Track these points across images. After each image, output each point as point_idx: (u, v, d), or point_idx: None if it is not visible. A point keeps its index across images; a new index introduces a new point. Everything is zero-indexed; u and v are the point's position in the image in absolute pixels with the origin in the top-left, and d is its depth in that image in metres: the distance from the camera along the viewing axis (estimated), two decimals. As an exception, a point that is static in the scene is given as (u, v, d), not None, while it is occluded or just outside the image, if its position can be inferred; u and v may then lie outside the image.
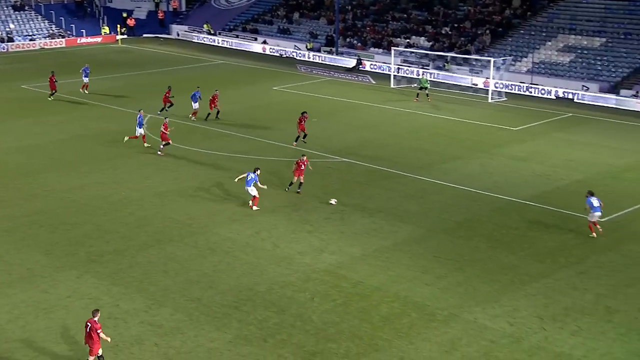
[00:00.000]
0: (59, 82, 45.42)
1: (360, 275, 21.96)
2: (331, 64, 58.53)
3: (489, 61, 47.94)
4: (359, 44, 60.37)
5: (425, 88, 44.85)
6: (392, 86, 49.90)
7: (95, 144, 35.16)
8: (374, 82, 51.29)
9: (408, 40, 57.90)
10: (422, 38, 57.73)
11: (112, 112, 42.39)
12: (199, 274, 21.88)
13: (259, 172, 27.06)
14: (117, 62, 59.48)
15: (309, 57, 60.82)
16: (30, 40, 67.48)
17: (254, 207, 26.84)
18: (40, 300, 20.20)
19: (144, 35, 73.07)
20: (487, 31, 55.03)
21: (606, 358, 17.81)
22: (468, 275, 22.06)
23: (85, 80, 46.78)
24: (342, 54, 59.92)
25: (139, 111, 34.79)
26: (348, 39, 61.41)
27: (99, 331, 16.67)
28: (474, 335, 18.81)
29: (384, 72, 53.54)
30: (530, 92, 47.46)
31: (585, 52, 50.21)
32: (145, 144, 34.35)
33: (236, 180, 27.63)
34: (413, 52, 54.66)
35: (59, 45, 67.71)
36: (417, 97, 44.85)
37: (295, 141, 35.01)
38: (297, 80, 51.56)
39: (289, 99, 45.77)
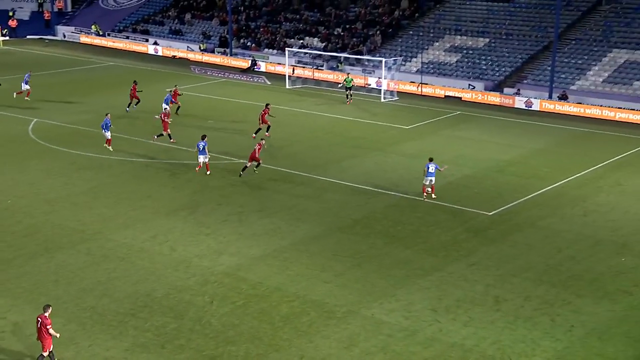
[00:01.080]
0: None
1: (260, 276, 21.91)
2: (225, 64, 58.09)
3: (380, 61, 48.96)
4: (253, 45, 60.23)
5: (350, 88, 44.97)
6: (287, 87, 50.07)
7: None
8: (269, 83, 51.29)
9: (302, 41, 58.30)
10: (315, 39, 58.27)
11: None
12: (93, 282, 21.18)
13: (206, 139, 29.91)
14: (-1, 65, 56.59)
15: (202, 58, 60.10)
16: None
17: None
18: None
19: (28, 36, 69.96)
20: (378, 32, 56.18)
21: (495, 346, 18.58)
22: (365, 271, 22.44)
23: (26, 87, 44.27)
24: (236, 54, 59.59)
25: (106, 115, 33.78)
26: (242, 40, 61.14)
27: (48, 327, 16.67)
28: (372, 330, 19.16)
29: (279, 72, 53.64)
30: (421, 92, 48.81)
31: (471, 52, 52.16)
32: (110, 148, 33.51)
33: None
34: (307, 53, 55.07)
35: None
36: (348, 98, 44.84)
37: (255, 133, 36.02)
38: (191, 81, 50.84)
39: (182, 100, 44.97)
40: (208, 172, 30.80)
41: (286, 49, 53.38)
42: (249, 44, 60.62)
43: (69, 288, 20.82)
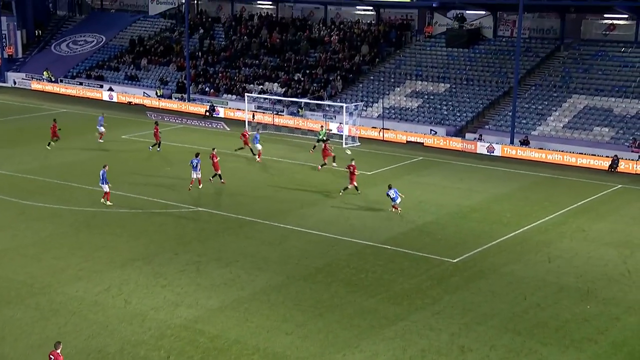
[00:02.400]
0: None
1: (218, 328, 21.68)
2: (183, 110, 58.21)
3: (341, 107, 49.63)
4: (212, 91, 60.59)
5: (324, 140, 44.62)
6: (246, 133, 50.24)
7: None
8: (228, 129, 51.47)
9: (261, 86, 58.88)
10: (275, 84, 58.93)
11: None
12: (42, 338, 20.69)
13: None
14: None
15: (159, 104, 60.16)
16: None
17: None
18: None
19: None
20: (338, 77, 57.10)
21: (463, 395, 18.55)
22: (328, 321, 22.37)
23: (101, 129, 45.70)
24: (194, 100, 59.84)
25: (104, 166, 33.16)
26: (200, 86, 61.49)
27: None
28: (336, 382, 18.99)
29: (239, 118, 53.93)
30: (383, 137, 49.49)
31: (432, 97, 53.28)
32: (108, 202, 32.77)
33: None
34: (266, 98, 55.57)
35: None
36: (314, 148, 44.63)
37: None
38: (147, 128, 50.67)
39: (139, 147, 44.87)
40: (200, 186, 35.58)
41: (245, 94, 53.85)
42: (207, 89, 60.97)
43: (16, 345, 20.30)
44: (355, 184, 35.45)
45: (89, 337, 20.86)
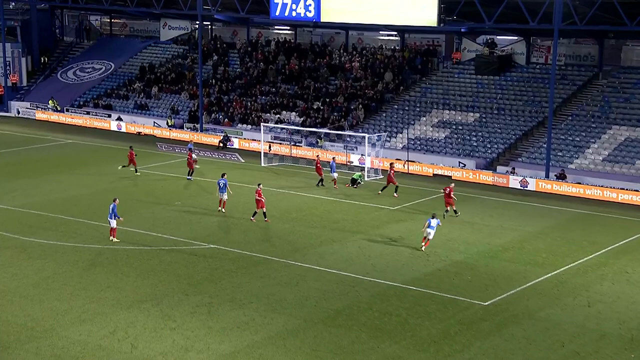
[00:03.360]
0: None
1: (231, 375, 21.62)
2: (196, 141, 58.72)
3: (363, 137, 49.81)
4: (226, 120, 61.14)
5: (359, 183, 45.00)
6: (262, 164, 50.60)
7: None
8: (242, 161, 51.81)
9: (278, 115, 59.32)
10: (293, 113, 59.35)
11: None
12: (43, 385, 20.76)
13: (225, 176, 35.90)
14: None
15: (170, 135, 60.77)
16: None
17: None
18: None
19: (-24, 113, 70.52)
20: (360, 106, 57.42)
21: None
22: (349, 369, 22.24)
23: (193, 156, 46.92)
24: (207, 130, 60.37)
25: (114, 200, 33.36)
26: (213, 115, 62.08)
27: None
28: None
29: (254, 149, 54.29)
30: (407, 170, 49.53)
31: (460, 127, 53.34)
32: (115, 239, 33.04)
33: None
34: (284, 128, 55.95)
35: None
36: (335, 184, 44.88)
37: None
38: (157, 159, 51.23)
39: (148, 181, 45.25)
40: (223, 210, 38.08)
41: (261, 124, 54.24)
42: (221, 118, 61.54)
43: (16, 391, 20.37)
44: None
45: (92, 384, 20.89)
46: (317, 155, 47.07)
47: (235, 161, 51.83)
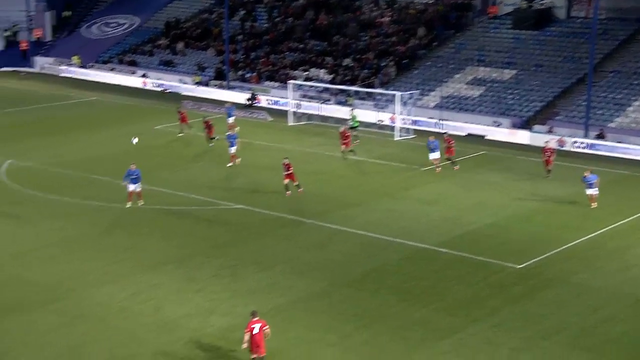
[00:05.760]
0: None
1: (255, 338, 21.81)
2: (222, 99, 58.69)
3: (394, 95, 49.44)
4: (253, 77, 60.99)
5: (355, 128, 45.13)
6: (290, 123, 50.52)
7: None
8: (270, 119, 51.77)
9: (306, 72, 59.00)
10: (322, 70, 58.97)
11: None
12: (65, 347, 21.18)
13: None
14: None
15: (196, 92, 60.82)
16: None
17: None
18: None
19: (1, 69, 71.10)
20: (392, 63, 56.84)
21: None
22: (375, 332, 22.34)
23: (231, 120, 46.52)
24: (233, 88, 60.30)
25: (132, 165, 32.78)
26: (240, 72, 61.94)
27: (266, 328, 19.63)
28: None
29: (282, 107, 54.17)
30: (440, 129, 49.11)
31: (496, 85, 52.64)
32: (129, 203, 32.78)
33: None
34: (312, 86, 55.67)
35: None
36: (355, 139, 44.63)
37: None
38: (191, 117, 51.33)
39: (173, 139, 45.47)
40: (230, 164, 39.01)
41: (289, 81, 54.01)
42: (248, 76, 61.40)
43: (39, 352, 20.81)
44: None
45: (114, 346, 21.25)
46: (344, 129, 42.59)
47: (262, 120, 51.80)
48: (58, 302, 23.91)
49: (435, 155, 38.94)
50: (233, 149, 39.39)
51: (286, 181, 34.51)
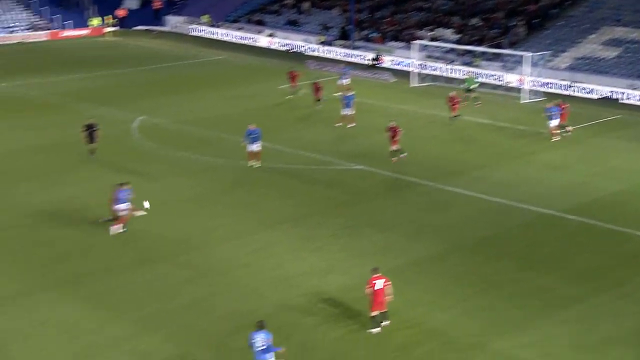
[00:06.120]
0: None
1: (372, 298, 22.04)
2: (345, 59, 58.77)
3: (523, 56, 48.00)
4: (377, 37, 60.64)
5: (472, 90, 44.53)
6: (413, 84, 50.06)
7: (75, 151, 35.30)
8: (392, 80, 51.47)
9: (432, 32, 58.10)
10: (448, 30, 57.93)
11: (98, 114, 42.74)
12: (193, 298, 22.07)
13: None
14: (104, 58, 60.17)
15: (320, 52, 61.12)
16: (10, 32, 68.30)
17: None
18: (10, 328, 20.42)
19: (135, 27, 73.78)
20: (522, 22, 55.14)
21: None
22: (494, 298, 22.10)
23: (346, 81, 45.94)
24: (357, 48, 60.20)
25: (250, 125, 32.99)
26: (364, 32, 61.71)
27: (387, 285, 20.05)
28: (495, 367, 18.86)
29: (405, 68, 53.70)
30: (571, 92, 47.44)
31: (634, 46, 50.23)
32: (256, 162, 32.95)
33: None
34: (438, 47, 54.80)
35: (40, 39, 68.51)
36: (465, 100, 44.37)
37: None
38: (306, 78, 51.78)
39: (296, 99, 46.00)
40: (349, 125, 38.53)
41: (414, 42, 53.37)
42: (372, 36, 61.10)
43: (168, 303, 21.77)
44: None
45: (239, 300, 21.98)
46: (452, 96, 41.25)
47: (385, 81, 51.56)
48: (185, 255, 24.89)
49: (554, 123, 37.31)
50: (348, 111, 39.23)
51: (393, 147, 33.69)
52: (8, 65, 57.46)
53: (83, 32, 70.96)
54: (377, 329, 20.19)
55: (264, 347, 17.51)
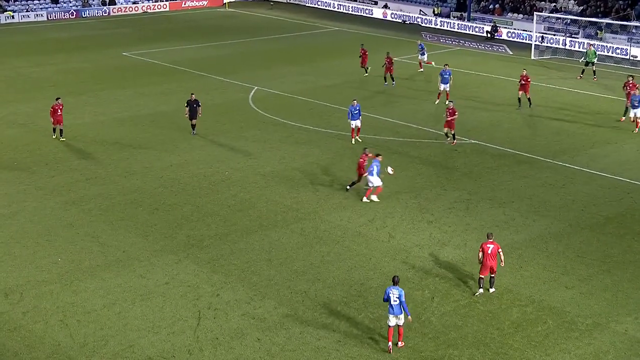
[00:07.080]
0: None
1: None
2: (462, 31, 57.63)
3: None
4: (496, 8, 59.09)
5: (592, 63, 43.08)
6: (532, 58, 48.61)
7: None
8: (510, 53, 50.14)
9: (554, 4, 56.11)
10: (571, 2, 55.79)
11: (216, 83, 43.71)
12: (306, 265, 22.28)
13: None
14: (222, 28, 61.43)
15: (435, 24, 60.16)
16: (133, 3, 70.55)
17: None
18: (136, 285, 21.19)
19: (253, -2, 74.92)
20: (651, -7, 52.51)
21: None
22: (617, 279, 21.33)
23: (423, 57, 45.65)
24: (474, 19, 58.90)
25: (354, 101, 32.42)
26: (482, 3, 60.24)
27: (499, 251, 20.27)
28: (624, 349, 18.22)
29: (524, 41, 52.17)
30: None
31: None
32: (353, 140, 32.96)
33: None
34: (559, 18, 52.91)
35: (162, 10, 70.51)
36: (582, 73, 43.16)
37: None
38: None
39: (410, 72, 45.51)
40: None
41: (535, 13, 51.72)
42: (490, 7, 59.60)
43: (282, 269, 22.07)
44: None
45: (351, 269, 22.03)
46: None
47: (502, 53, 50.26)
48: (299, 222, 25.12)
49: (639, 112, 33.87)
50: (445, 87, 37.88)
51: (445, 129, 32.24)
52: (134, 34, 59.60)
53: (203, 2, 72.52)
54: (480, 291, 20.41)
55: (396, 302, 18.18)
